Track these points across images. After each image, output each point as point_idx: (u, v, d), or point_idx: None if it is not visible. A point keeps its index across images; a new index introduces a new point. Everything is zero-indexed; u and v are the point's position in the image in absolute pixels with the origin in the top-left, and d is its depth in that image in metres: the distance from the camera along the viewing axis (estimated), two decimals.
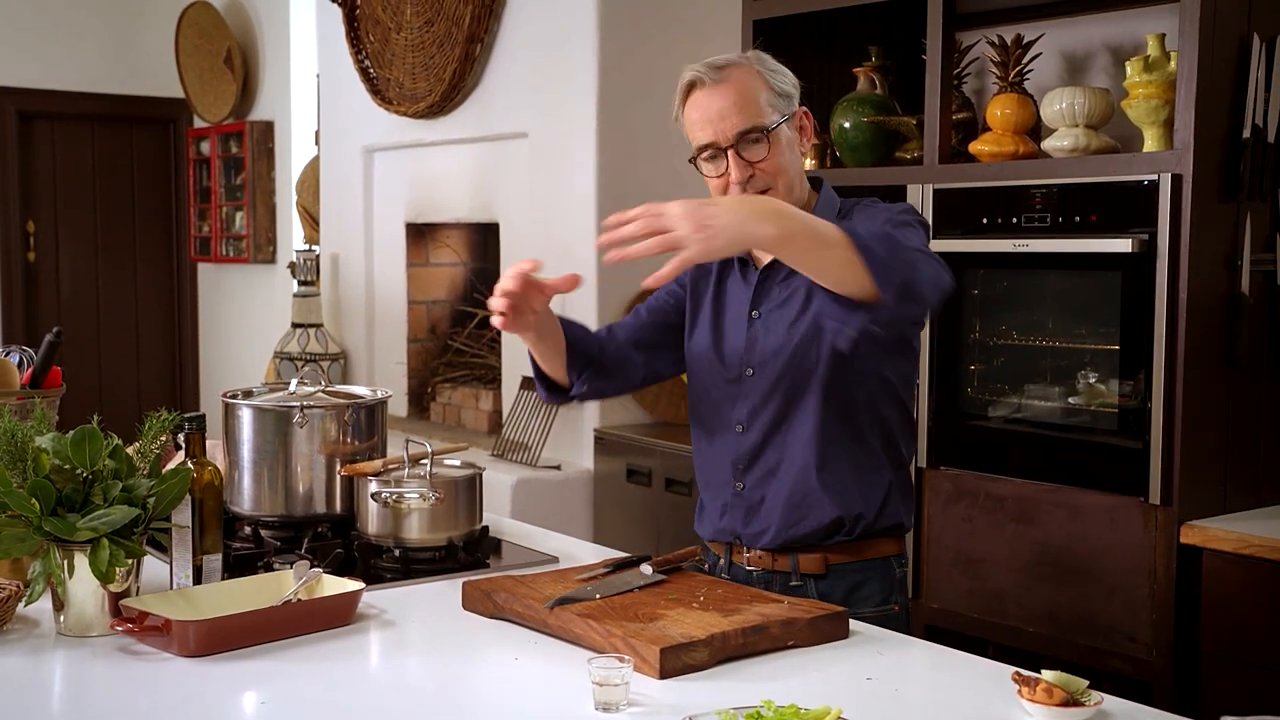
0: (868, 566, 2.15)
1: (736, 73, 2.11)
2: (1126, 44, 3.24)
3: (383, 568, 2.26)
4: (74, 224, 7.55)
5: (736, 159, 2.08)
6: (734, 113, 2.08)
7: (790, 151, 2.13)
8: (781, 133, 2.11)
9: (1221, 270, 2.77)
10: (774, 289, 2.17)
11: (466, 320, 5.54)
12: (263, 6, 6.83)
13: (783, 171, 2.11)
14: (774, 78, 2.13)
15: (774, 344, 2.15)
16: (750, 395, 2.17)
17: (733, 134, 2.08)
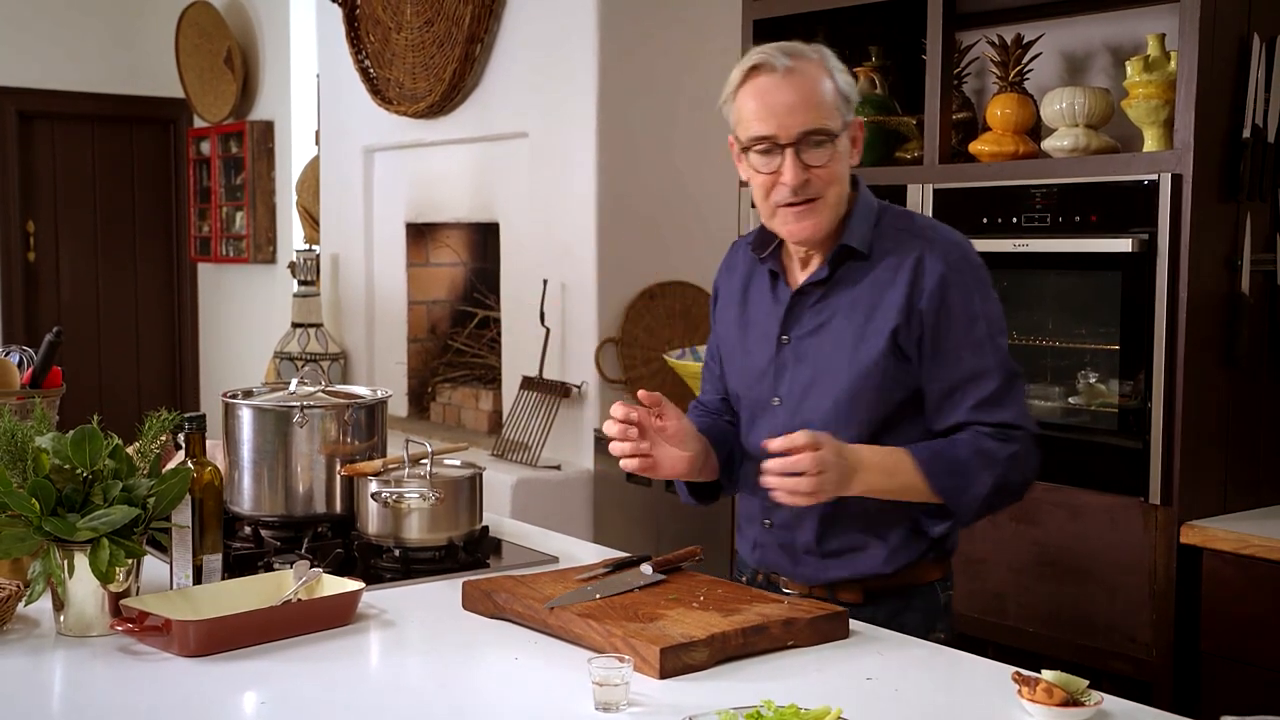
0: (910, 593, 2.05)
1: (808, 66, 1.97)
2: (1126, 44, 3.24)
3: (383, 568, 2.26)
4: (74, 224, 7.55)
5: (795, 161, 1.94)
6: (803, 109, 1.94)
7: (844, 162, 2.00)
8: (842, 139, 1.98)
9: (1221, 270, 2.77)
10: (806, 314, 2.04)
11: (466, 320, 5.54)
12: (263, 6, 6.83)
13: (836, 181, 1.98)
14: (841, 78, 2.00)
15: (805, 376, 2.03)
16: (778, 429, 2.00)
17: (797, 132, 1.93)
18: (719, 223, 4.49)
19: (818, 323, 2.03)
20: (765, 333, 2.08)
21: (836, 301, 2.02)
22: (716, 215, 4.51)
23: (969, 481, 1.94)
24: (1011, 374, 1.99)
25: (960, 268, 1.99)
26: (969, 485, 1.94)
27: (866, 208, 2.05)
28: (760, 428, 2.08)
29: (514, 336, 4.85)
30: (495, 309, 5.22)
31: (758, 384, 2.09)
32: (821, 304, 2.03)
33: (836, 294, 2.03)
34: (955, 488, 1.94)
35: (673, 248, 4.56)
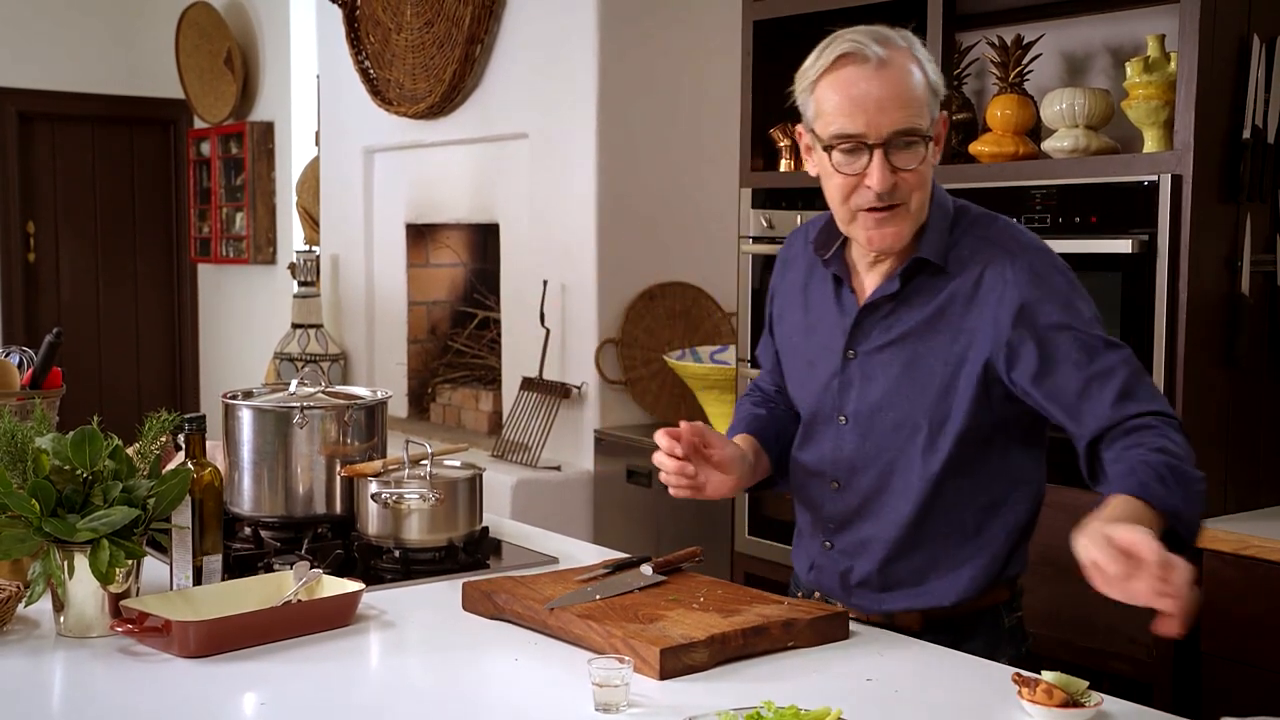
0: (972, 620, 1.92)
1: (900, 57, 1.78)
2: (1126, 45, 3.24)
3: (383, 568, 2.25)
4: (74, 225, 7.55)
5: (884, 163, 1.77)
6: (895, 107, 1.76)
7: (931, 164, 1.83)
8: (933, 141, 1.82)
9: (1222, 271, 2.77)
10: (875, 328, 1.89)
11: (466, 321, 5.54)
12: (263, 7, 6.83)
13: (922, 186, 1.82)
14: (931, 70, 1.82)
15: (874, 397, 1.88)
16: (845, 448, 1.91)
17: (888, 132, 1.76)
18: (719, 223, 4.50)
19: (887, 339, 1.88)
20: (829, 344, 1.94)
21: (909, 316, 1.87)
22: (716, 216, 4.51)
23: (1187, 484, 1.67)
24: (1135, 367, 1.79)
25: (1047, 278, 1.81)
26: (1190, 488, 1.67)
27: (942, 212, 1.88)
28: (824, 443, 1.96)
29: (514, 337, 4.85)
30: (495, 310, 5.22)
31: (820, 396, 1.95)
32: (892, 318, 1.88)
33: (909, 308, 1.87)
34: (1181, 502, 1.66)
35: (673, 248, 4.56)
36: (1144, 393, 1.77)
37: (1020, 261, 1.83)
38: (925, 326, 1.86)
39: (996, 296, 1.82)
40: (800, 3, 3.50)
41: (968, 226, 1.89)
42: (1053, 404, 1.81)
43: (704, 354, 4.33)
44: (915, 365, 1.86)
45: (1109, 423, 1.76)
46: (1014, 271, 1.82)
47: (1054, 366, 1.78)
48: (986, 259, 1.84)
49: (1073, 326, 1.79)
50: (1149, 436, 1.72)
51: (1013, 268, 1.82)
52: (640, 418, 4.51)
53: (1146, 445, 1.70)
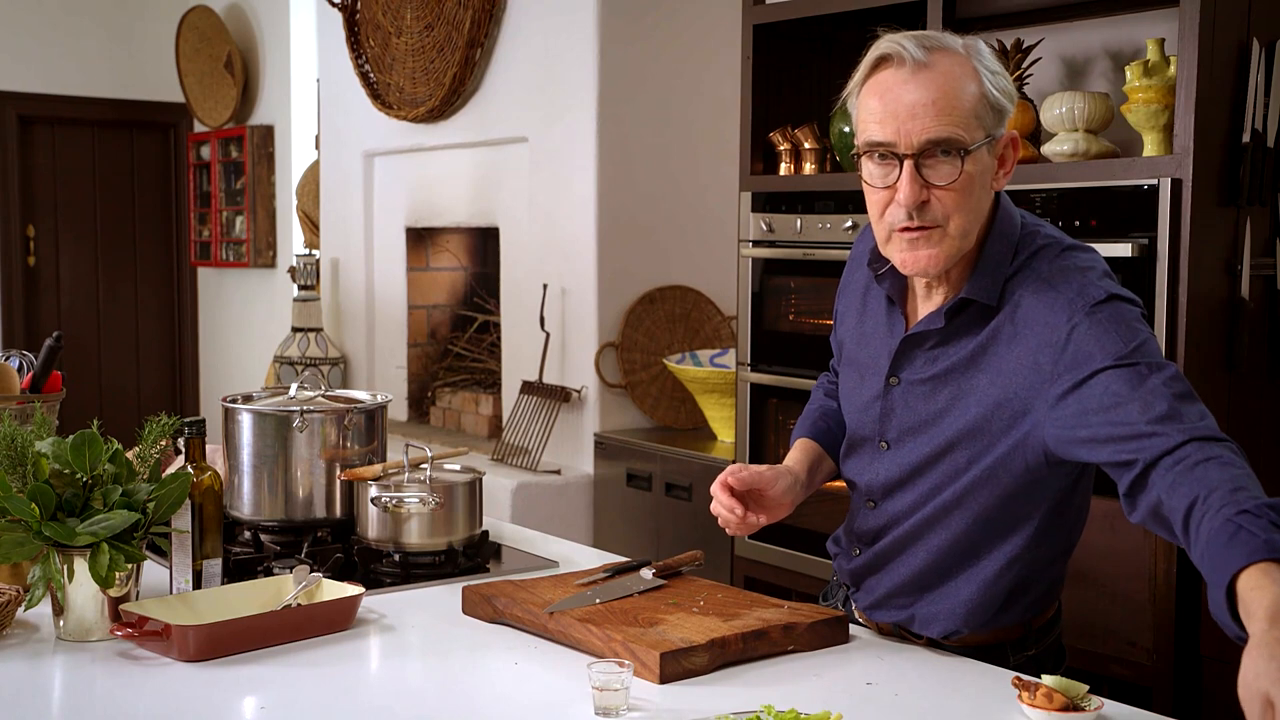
0: (994, 647, 1.87)
1: (947, 61, 1.66)
2: (1126, 48, 3.24)
3: (383, 572, 2.25)
4: (74, 228, 7.55)
5: (914, 175, 1.65)
6: (931, 114, 1.64)
7: (980, 185, 1.68)
8: (979, 157, 1.67)
9: (1221, 275, 2.77)
10: (919, 358, 1.80)
11: (466, 324, 5.54)
12: (263, 11, 6.84)
13: (962, 209, 1.67)
14: (992, 80, 1.68)
15: (911, 423, 1.81)
16: (882, 473, 1.85)
17: (920, 140, 1.65)
18: (719, 227, 4.50)
19: (931, 372, 1.79)
20: (876, 363, 1.86)
21: (955, 351, 1.77)
22: (716, 219, 4.52)
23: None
24: (1184, 392, 1.60)
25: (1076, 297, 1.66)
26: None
27: (1003, 241, 1.73)
28: (864, 463, 1.90)
29: (514, 341, 4.85)
30: (495, 313, 5.23)
31: (863, 416, 1.89)
32: (937, 350, 1.78)
33: (956, 345, 1.77)
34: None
35: (672, 252, 4.56)
36: (1190, 415, 1.57)
37: (1083, 309, 1.66)
38: (969, 363, 1.75)
39: (1028, 320, 1.70)
40: (800, 6, 3.51)
41: (1028, 258, 1.73)
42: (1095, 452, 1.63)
43: (704, 357, 4.33)
44: (958, 402, 1.76)
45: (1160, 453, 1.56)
46: (1064, 323, 1.66)
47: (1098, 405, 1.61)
48: (1049, 309, 1.68)
49: (1126, 359, 1.61)
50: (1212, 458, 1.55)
51: (1063, 318, 1.66)
52: (640, 421, 4.51)
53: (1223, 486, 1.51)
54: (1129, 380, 1.60)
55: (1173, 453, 1.55)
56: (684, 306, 4.58)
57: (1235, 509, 1.45)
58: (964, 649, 1.87)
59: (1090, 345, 1.63)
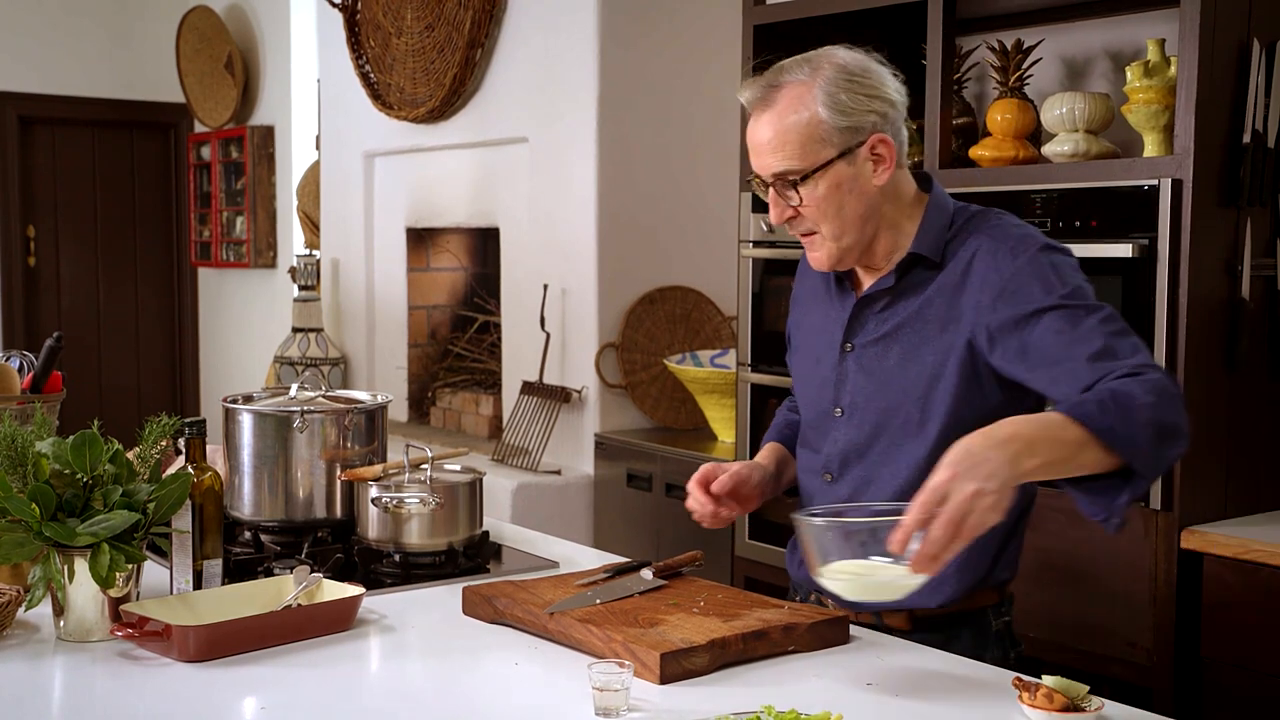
0: (960, 620, 1.94)
1: (786, 97, 1.84)
2: (1127, 49, 3.24)
3: (383, 573, 2.25)
4: (75, 229, 7.56)
5: (775, 199, 1.88)
6: (768, 150, 1.85)
7: (846, 193, 1.85)
8: (831, 174, 1.84)
9: (1222, 275, 2.77)
10: (870, 320, 1.94)
11: (467, 325, 5.54)
12: (263, 11, 6.84)
13: (826, 218, 1.86)
14: (835, 104, 1.82)
15: (867, 386, 1.92)
16: (839, 440, 1.95)
17: (769, 175, 1.87)
18: (719, 228, 4.50)
19: (882, 331, 1.92)
20: (830, 339, 1.99)
21: (904, 309, 1.91)
22: (716, 220, 4.52)
23: (1128, 408, 1.63)
24: (1119, 330, 1.76)
25: (1018, 250, 1.82)
26: (1131, 411, 1.63)
27: (939, 212, 1.92)
28: (820, 437, 2.00)
29: (514, 341, 4.85)
30: (496, 314, 5.23)
31: (820, 391, 2.00)
32: (887, 311, 1.92)
33: (903, 301, 1.91)
34: (1121, 425, 1.62)
35: (673, 252, 4.56)
36: (1126, 351, 1.72)
37: (1005, 246, 1.85)
38: (917, 317, 1.90)
39: (980, 280, 1.84)
40: (800, 7, 3.51)
41: (964, 223, 1.92)
42: (1036, 377, 1.79)
43: (704, 358, 4.33)
44: (908, 356, 1.89)
45: (1090, 382, 1.71)
46: (998, 256, 1.84)
47: (1034, 342, 1.77)
48: (975, 247, 1.87)
49: (1054, 304, 1.77)
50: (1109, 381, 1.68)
51: (997, 252, 1.84)
52: (641, 422, 4.51)
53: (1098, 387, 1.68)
54: (1069, 319, 1.76)
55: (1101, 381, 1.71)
56: (684, 307, 4.58)
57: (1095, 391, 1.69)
58: (950, 618, 1.93)
59: (1033, 285, 1.79)
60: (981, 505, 1.54)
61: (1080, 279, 1.82)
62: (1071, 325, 1.75)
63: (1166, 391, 1.68)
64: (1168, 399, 1.67)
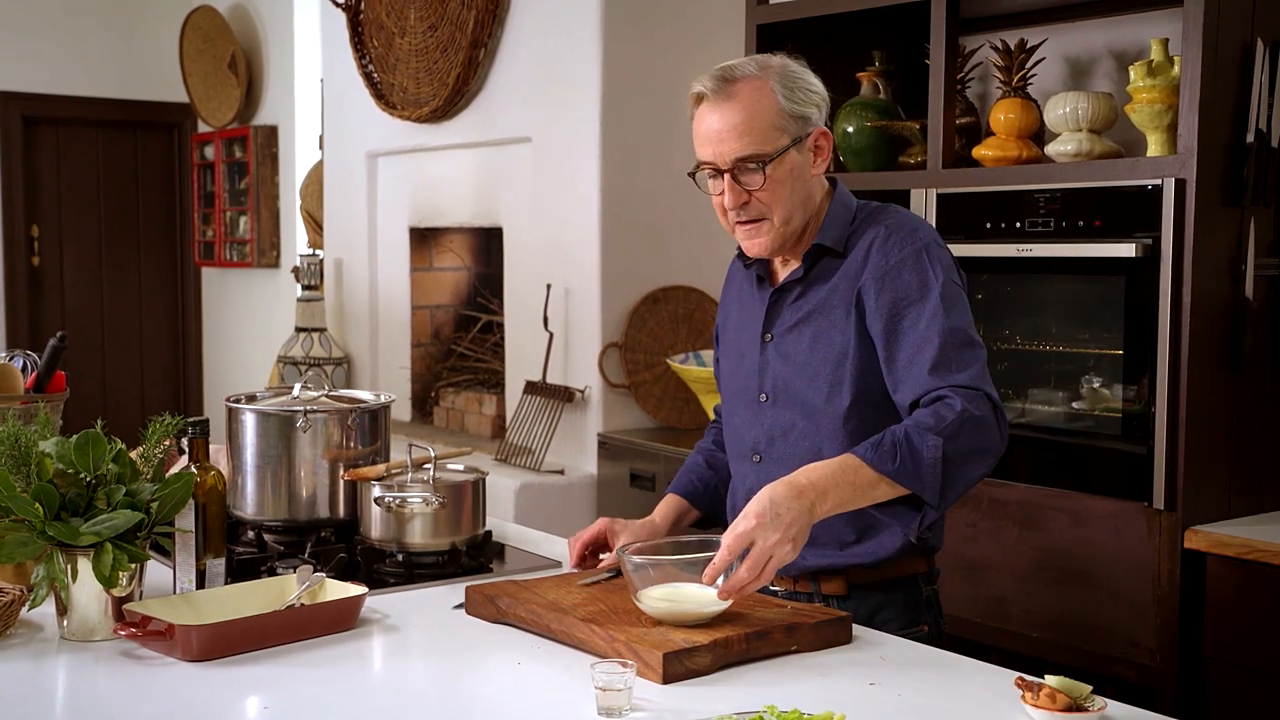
0: (893, 585, 2.09)
1: (746, 89, 1.99)
2: (1130, 49, 3.24)
3: (386, 572, 2.25)
4: (78, 228, 7.56)
5: (733, 184, 2.00)
6: (734, 136, 1.98)
7: (795, 179, 2.02)
8: (787, 159, 2.00)
9: (1225, 275, 2.77)
10: (786, 310, 2.10)
11: (470, 325, 5.54)
12: (267, 11, 6.84)
13: (779, 203, 2.01)
14: (789, 95, 2.01)
15: (786, 371, 2.08)
16: (765, 423, 2.11)
17: (730, 159, 1.99)
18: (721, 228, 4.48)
19: (795, 319, 2.08)
20: (752, 334, 2.14)
21: (814, 297, 2.07)
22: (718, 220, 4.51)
23: (917, 455, 1.87)
24: (963, 341, 1.96)
25: (905, 242, 2.01)
26: (919, 458, 1.87)
27: (842, 207, 2.09)
28: (747, 422, 2.15)
29: (517, 341, 4.85)
30: (499, 313, 5.23)
31: (746, 382, 2.14)
32: (800, 301, 2.08)
33: (813, 290, 2.08)
34: (909, 470, 1.87)
35: (675, 252, 4.56)
36: (960, 366, 1.94)
37: (888, 229, 2.04)
38: (825, 303, 2.06)
39: (865, 259, 2.03)
40: (803, 6, 3.51)
41: (865, 217, 2.09)
42: (887, 370, 2.00)
43: (707, 357, 4.33)
44: (819, 339, 2.05)
45: (918, 395, 1.94)
46: (881, 239, 2.03)
47: (896, 328, 1.98)
48: (873, 236, 2.05)
49: (925, 289, 1.98)
50: (916, 415, 1.92)
51: (881, 236, 2.03)
52: (644, 421, 4.51)
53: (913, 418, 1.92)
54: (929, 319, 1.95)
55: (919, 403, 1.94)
56: (687, 306, 4.58)
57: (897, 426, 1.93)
58: (884, 584, 2.07)
59: (911, 276, 1.98)
60: (781, 551, 1.80)
61: (954, 276, 2.02)
62: (926, 326, 1.95)
63: (970, 418, 1.89)
64: (970, 427, 1.89)
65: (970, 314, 2.02)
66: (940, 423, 1.88)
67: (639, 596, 1.87)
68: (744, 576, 1.79)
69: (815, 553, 2.05)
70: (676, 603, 1.85)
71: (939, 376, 1.93)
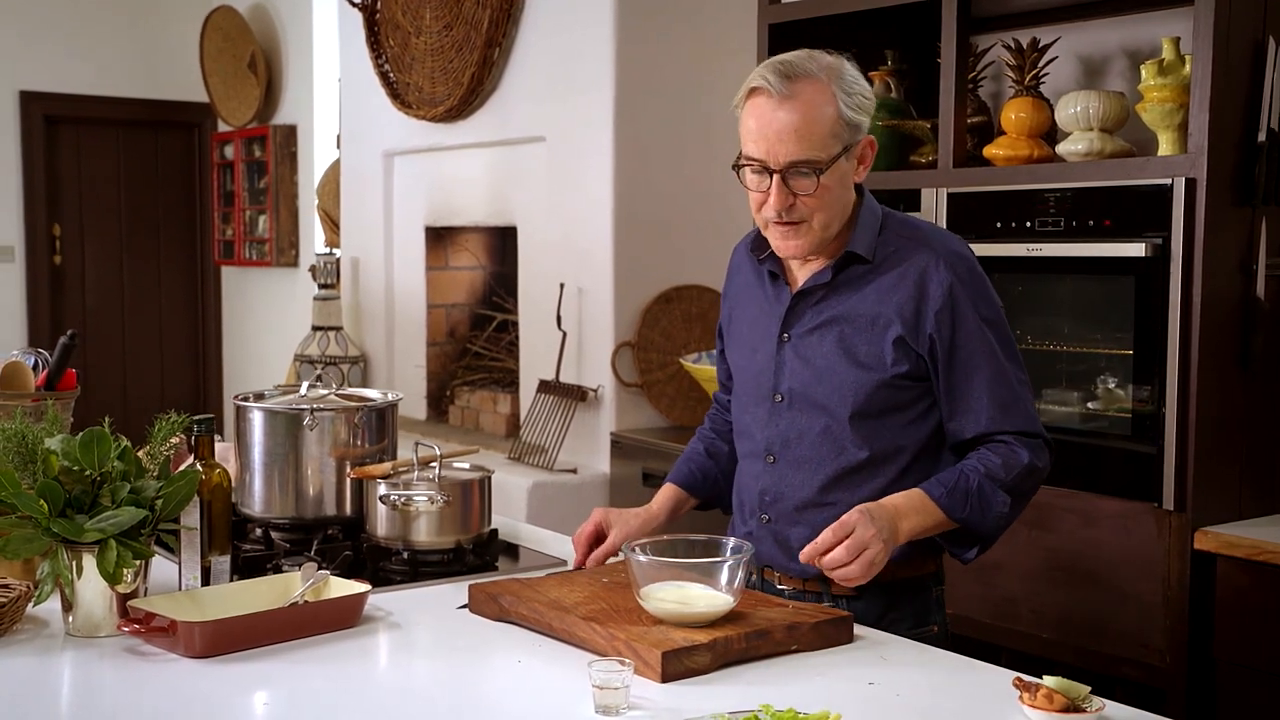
0: (903, 586, 2.08)
1: (808, 90, 1.94)
2: (1144, 47, 3.22)
3: (391, 570, 2.26)
4: (99, 227, 7.61)
5: (781, 187, 1.96)
6: (793, 139, 1.94)
7: (841, 186, 2.00)
8: (838, 167, 1.97)
9: (1236, 274, 2.75)
10: (807, 312, 2.08)
11: (485, 324, 5.55)
12: (286, 11, 6.87)
13: (824, 208, 1.99)
14: (848, 101, 1.97)
15: (804, 373, 2.06)
16: (779, 424, 2.09)
17: (785, 161, 1.95)
18: (734, 226, 4.47)
19: (818, 322, 2.06)
20: (767, 331, 2.12)
21: (839, 303, 2.05)
22: (732, 219, 4.49)
23: (987, 506, 1.98)
24: (1021, 380, 2.04)
25: (967, 279, 2.02)
26: (988, 509, 1.98)
27: (871, 215, 2.07)
28: (760, 422, 2.12)
29: (531, 340, 4.86)
30: (514, 312, 5.24)
31: (759, 379, 2.12)
32: (823, 304, 2.06)
33: (839, 296, 2.06)
34: (976, 518, 1.99)
35: (688, 251, 4.56)
36: (1019, 409, 2.01)
37: (945, 258, 2.02)
38: (852, 310, 2.04)
39: (921, 286, 2.01)
40: (814, 6, 3.50)
41: (896, 228, 2.07)
42: (943, 395, 2.03)
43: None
44: (843, 343, 2.04)
45: (979, 433, 2.01)
46: (939, 268, 2.01)
47: (955, 363, 2.01)
48: (915, 256, 2.03)
49: (985, 327, 2.01)
50: (983, 459, 1.99)
51: (938, 264, 2.01)
52: (656, 421, 4.51)
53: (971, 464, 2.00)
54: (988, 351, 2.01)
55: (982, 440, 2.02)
56: (700, 306, 4.58)
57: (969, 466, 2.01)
58: (895, 585, 2.06)
59: (966, 304, 2.00)
60: (876, 545, 1.87)
61: (997, 298, 2.07)
62: (990, 365, 2.01)
63: (1033, 471, 2.01)
64: (1031, 480, 2.02)
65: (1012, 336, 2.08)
66: (1009, 474, 1.98)
67: (642, 595, 1.87)
68: (841, 556, 1.86)
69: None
70: (679, 602, 1.85)
71: (1003, 417, 2.00)
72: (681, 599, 1.85)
